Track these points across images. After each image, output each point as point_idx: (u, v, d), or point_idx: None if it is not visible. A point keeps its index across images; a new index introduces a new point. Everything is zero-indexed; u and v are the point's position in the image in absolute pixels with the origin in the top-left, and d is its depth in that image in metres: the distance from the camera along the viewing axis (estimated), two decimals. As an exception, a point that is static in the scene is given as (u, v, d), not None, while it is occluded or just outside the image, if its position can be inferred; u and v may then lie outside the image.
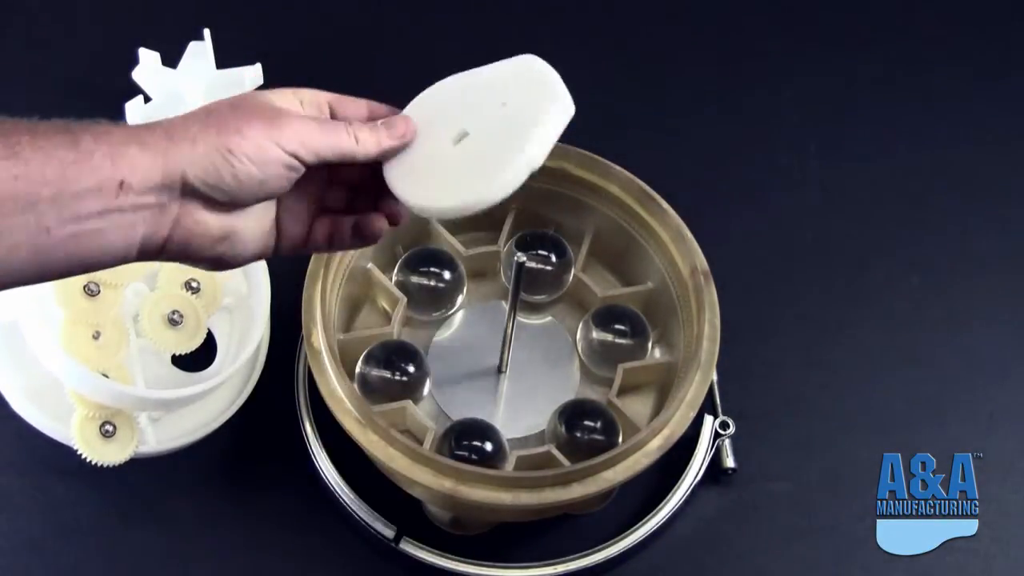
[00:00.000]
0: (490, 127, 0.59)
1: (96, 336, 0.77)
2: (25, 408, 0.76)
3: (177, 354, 0.81)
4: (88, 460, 0.75)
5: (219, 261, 0.57)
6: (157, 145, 0.52)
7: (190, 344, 0.81)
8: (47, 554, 0.78)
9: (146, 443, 0.77)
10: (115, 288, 0.79)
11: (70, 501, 0.79)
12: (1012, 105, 1.05)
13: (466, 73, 0.63)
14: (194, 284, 0.82)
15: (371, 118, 0.60)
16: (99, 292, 0.77)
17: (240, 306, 0.85)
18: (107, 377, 0.76)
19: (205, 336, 0.82)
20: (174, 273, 0.82)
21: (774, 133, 1.02)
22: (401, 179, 0.59)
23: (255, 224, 0.58)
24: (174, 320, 0.80)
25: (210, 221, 0.55)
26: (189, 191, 0.53)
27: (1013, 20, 1.11)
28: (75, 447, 0.75)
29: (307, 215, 0.60)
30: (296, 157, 0.55)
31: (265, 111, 0.55)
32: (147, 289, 0.81)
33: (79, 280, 0.77)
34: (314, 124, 0.56)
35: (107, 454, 0.76)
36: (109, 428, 0.76)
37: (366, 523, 0.77)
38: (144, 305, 0.79)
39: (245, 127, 0.54)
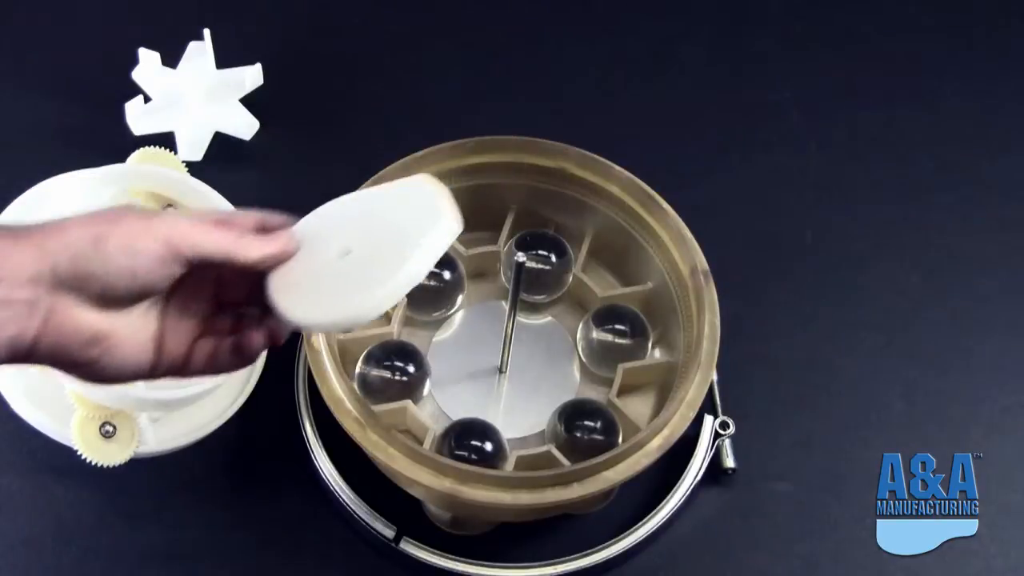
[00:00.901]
0: (375, 244, 0.60)
1: None
2: (25, 408, 0.76)
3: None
4: (88, 460, 0.75)
5: (92, 369, 0.55)
6: (30, 238, 0.52)
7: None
8: (47, 554, 0.78)
9: (146, 443, 0.77)
10: None
11: (70, 501, 0.79)
12: (1012, 105, 1.05)
13: (362, 192, 0.64)
14: None
15: (262, 228, 0.60)
16: None
17: None
18: None
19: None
20: None
21: (774, 133, 1.02)
22: (283, 292, 0.59)
23: (133, 331, 0.56)
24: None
25: (83, 319, 0.53)
26: (60, 284, 0.52)
27: (1013, 20, 1.11)
28: (75, 447, 0.75)
29: (190, 335, 0.58)
30: (170, 246, 0.54)
31: (145, 212, 0.56)
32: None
33: None
34: (195, 221, 0.56)
35: (107, 454, 0.76)
36: (109, 428, 0.76)
37: (366, 523, 0.77)
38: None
39: (119, 218, 0.54)
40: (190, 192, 0.85)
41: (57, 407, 0.76)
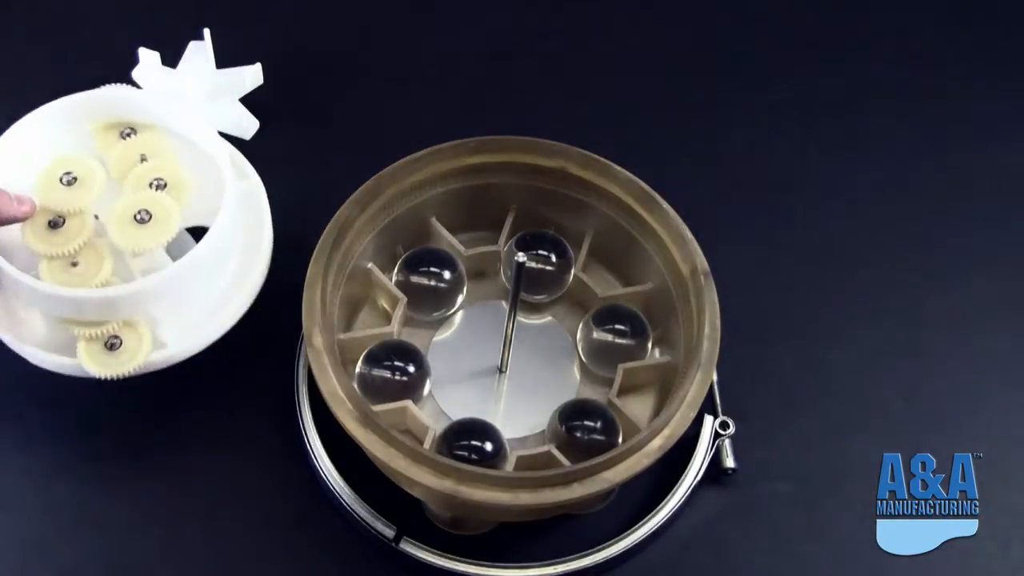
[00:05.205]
0: None
1: (75, 264, 0.78)
2: (35, 354, 0.77)
3: (150, 248, 0.79)
4: (104, 376, 0.75)
5: None
6: None
7: (163, 236, 0.78)
8: (47, 554, 0.78)
9: (162, 346, 0.77)
10: (80, 216, 0.79)
11: (70, 501, 0.79)
12: (1013, 105, 1.05)
13: None
14: (161, 182, 0.81)
15: None
16: (64, 223, 0.79)
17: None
18: None
19: (178, 230, 0.79)
20: (141, 177, 0.82)
21: (774, 133, 1.02)
22: None
23: None
24: (142, 219, 0.78)
25: None
26: None
27: (1014, 20, 1.11)
28: (87, 371, 0.75)
29: None
30: None
31: None
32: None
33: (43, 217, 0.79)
34: None
35: (115, 365, 0.76)
36: (115, 341, 0.76)
37: (366, 523, 0.77)
38: (110, 215, 0.79)
39: None
40: (164, 114, 0.85)
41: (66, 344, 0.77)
